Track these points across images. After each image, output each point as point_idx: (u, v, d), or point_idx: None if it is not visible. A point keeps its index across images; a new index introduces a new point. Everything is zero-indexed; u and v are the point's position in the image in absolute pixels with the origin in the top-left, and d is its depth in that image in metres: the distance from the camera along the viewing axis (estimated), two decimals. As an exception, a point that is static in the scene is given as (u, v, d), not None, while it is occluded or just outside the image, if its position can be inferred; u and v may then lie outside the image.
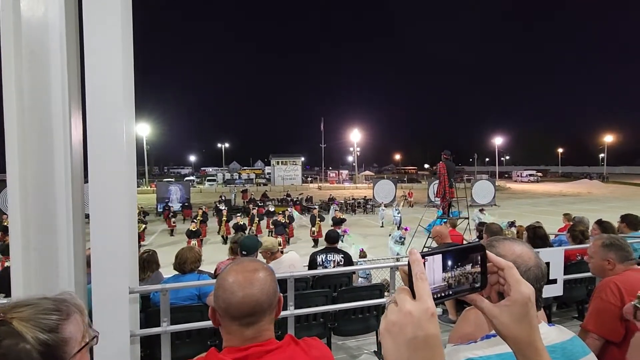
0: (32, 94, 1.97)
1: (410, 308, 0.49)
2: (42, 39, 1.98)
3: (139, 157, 23.18)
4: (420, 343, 0.48)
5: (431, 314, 0.48)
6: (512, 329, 0.59)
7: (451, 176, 9.49)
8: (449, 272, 0.56)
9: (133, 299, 2.33)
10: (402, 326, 0.48)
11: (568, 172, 76.00)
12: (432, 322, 0.48)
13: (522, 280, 0.60)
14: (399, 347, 0.48)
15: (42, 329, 0.69)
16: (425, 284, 0.50)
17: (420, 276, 0.50)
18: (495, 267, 0.62)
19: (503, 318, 0.59)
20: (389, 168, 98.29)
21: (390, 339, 0.49)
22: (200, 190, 40.26)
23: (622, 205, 22.62)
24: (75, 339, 0.74)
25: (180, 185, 26.58)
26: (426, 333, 0.48)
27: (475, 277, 0.58)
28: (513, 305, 0.59)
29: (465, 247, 0.59)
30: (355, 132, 55.35)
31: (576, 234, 3.99)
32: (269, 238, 4.27)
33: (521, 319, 0.58)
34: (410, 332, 0.48)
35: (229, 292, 0.89)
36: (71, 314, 0.75)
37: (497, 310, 0.60)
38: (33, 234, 1.96)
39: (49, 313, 0.72)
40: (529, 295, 0.59)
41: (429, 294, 0.50)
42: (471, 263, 0.58)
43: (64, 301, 0.76)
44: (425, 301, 0.49)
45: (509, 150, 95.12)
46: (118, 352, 2.13)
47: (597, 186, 44.84)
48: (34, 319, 0.69)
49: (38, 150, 1.99)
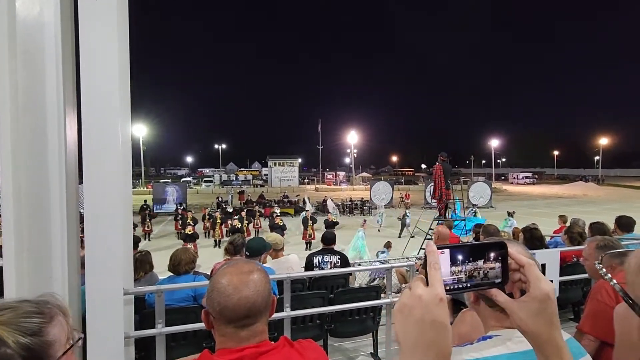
0: (26, 93, 1.95)
1: (421, 292, 0.53)
2: (37, 38, 1.97)
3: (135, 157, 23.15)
4: (427, 325, 0.52)
5: (440, 299, 0.52)
6: (530, 324, 0.60)
7: (447, 178, 9.52)
8: (463, 266, 0.59)
9: (127, 300, 2.31)
10: (412, 308, 0.53)
11: (564, 174, 76.53)
12: (440, 307, 0.52)
13: (542, 277, 0.61)
14: (407, 327, 0.53)
15: (24, 333, 0.68)
16: (438, 273, 0.54)
17: (433, 265, 0.55)
18: (516, 264, 0.63)
19: (521, 313, 0.60)
20: (386, 170, 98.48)
21: (401, 319, 0.54)
22: (197, 192, 40.11)
23: (618, 208, 22.79)
24: (59, 341, 0.72)
25: (177, 186, 26.49)
26: (434, 316, 0.52)
27: (487, 273, 0.61)
28: (531, 301, 0.60)
29: (484, 243, 0.62)
30: (353, 133, 55.47)
31: (574, 235, 4.01)
32: (274, 234, 4.23)
33: (539, 314, 0.59)
34: (419, 314, 0.52)
35: (224, 295, 0.88)
36: (54, 317, 0.74)
37: (516, 305, 0.61)
38: (26, 234, 1.94)
39: (30, 316, 0.70)
40: (548, 292, 0.60)
41: (441, 282, 0.54)
42: (484, 259, 0.61)
43: (46, 303, 0.75)
44: (436, 288, 0.53)
45: (505, 152, 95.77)
46: (112, 354, 2.11)
47: (592, 188, 45.18)
48: (14, 323, 0.68)
49: (32, 150, 1.97)
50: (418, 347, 0.52)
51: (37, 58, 1.97)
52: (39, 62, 1.97)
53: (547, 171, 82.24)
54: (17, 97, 1.92)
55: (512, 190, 45.02)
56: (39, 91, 1.98)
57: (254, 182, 50.99)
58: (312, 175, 70.24)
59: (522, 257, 0.63)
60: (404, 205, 27.33)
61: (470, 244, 0.62)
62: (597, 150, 67.92)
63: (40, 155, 1.99)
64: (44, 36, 1.98)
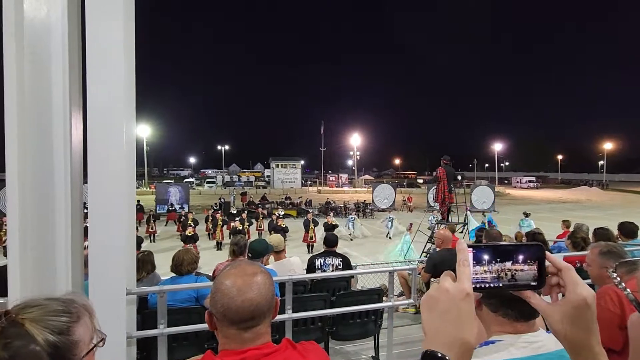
0: (33, 94, 1.97)
1: (448, 286, 0.55)
2: (44, 39, 1.99)
3: (139, 158, 23.23)
4: (451, 317, 0.54)
5: (466, 294, 0.54)
6: (565, 329, 0.59)
7: (450, 181, 9.50)
8: (489, 266, 0.60)
9: (130, 300, 2.32)
10: (438, 300, 0.55)
11: (567, 179, 76.07)
12: (465, 301, 0.54)
13: (580, 282, 0.60)
14: (432, 317, 0.55)
15: (52, 331, 0.69)
16: (466, 270, 0.56)
17: (462, 262, 0.57)
18: (554, 268, 0.62)
19: (556, 317, 0.60)
20: (389, 172, 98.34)
21: (427, 310, 0.57)
22: (199, 192, 40.22)
23: (621, 213, 22.60)
24: (84, 341, 0.73)
25: (180, 187, 26.55)
26: (459, 310, 0.54)
27: (514, 274, 0.60)
28: (566, 305, 0.59)
29: (518, 244, 0.61)
30: (355, 136, 55.46)
31: (577, 241, 3.98)
32: (276, 235, 4.23)
33: (575, 320, 0.58)
34: (443, 306, 0.54)
35: (228, 297, 0.88)
36: (81, 316, 0.75)
37: (551, 309, 0.61)
38: (31, 233, 1.95)
39: (58, 315, 0.71)
40: (585, 297, 0.59)
41: (469, 278, 0.56)
42: (512, 260, 0.60)
43: (72, 302, 0.76)
44: (463, 282, 0.55)
45: (509, 156, 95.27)
46: (114, 353, 2.12)
47: (596, 193, 44.87)
48: (44, 321, 0.69)
49: (38, 150, 1.99)
50: (441, 337, 0.54)
51: (44, 59, 1.99)
52: (46, 62, 1.99)
53: (550, 175, 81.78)
54: (23, 97, 1.94)
55: (516, 194, 44.81)
56: (46, 91, 2.00)
57: (257, 183, 51.10)
58: (314, 177, 70.24)
59: (560, 261, 0.62)
60: (407, 208, 27.29)
61: (501, 245, 0.61)
62: (601, 155, 67.57)
63: (45, 155, 2.00)
64: (50, 37, 2.00)
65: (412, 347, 3.78)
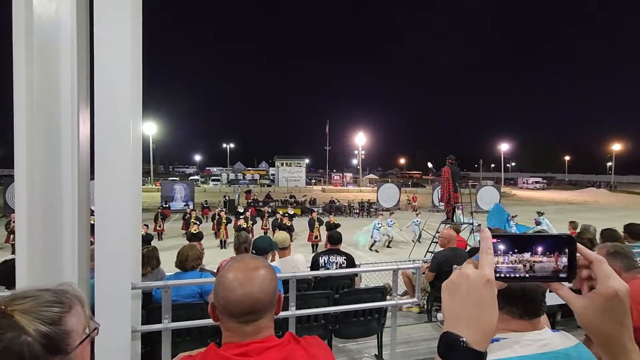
0: (41, 90, 1.99)
1: (469, 272, 0.56)
2: (53, 36, 2.01)
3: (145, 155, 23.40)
4: (471, 302, 0.55)
5: (486, 280, 0.55)
6: (595, 322, 0.57)
7: (455, 181, 9.44)
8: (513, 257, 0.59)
9: (135, 294, 2.34)
10: (459, 285, 0.57)
11: (575, 180, 75.28)
12: (486, 287, 0.55)
13: (612, 275, 0.58)
14: (453, 302, 0.57)
15: (44, 322, 0.69)
16: (489, 258, 0.57)
17: (485, 250, 0.57)
18: (586, 260, 0.61)
19: (585, 310, 0.58)
20: (394, 172, 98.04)
21: (448, 295, 0.58)
22: (204, 190, 40.40)
23: (629, 215, 22.33)
24: (76, 331, 0.73)
25: (185, 185, 26.72)
26: (479, 295, 0.55)
27: (532, 266, 0.60)
28: (597, 297, 0.57)
29: (546, 236, 0.60)
30: (361, 135, 55.32)
31: (584, 242, 3.94)
32: (282, 232, 4.24)
33: (605, 312, 0.57)
34: (464, 291, 0.56)
35: (228, 290, 0.88)
36: (73, 306, 0.75)
37: (580, 301, 0.59)
38: (38, 227, 1.98)
39: (50, 305, 0.71)
40: (617, 290, 0.57)
41: (491, 265, 0.56)
42: (531, 252, 0.60)
43: (65, 293, 0.76)
44: (484, 269, 0.56)
45: (515, 156, 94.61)
46: (119, 347, 2.14)
47: (604, 195, 44.37)
48: (35, 312, 0.69)
49: (46, 145, 2.01)
50: (461, 320, 0.55)
51: (53, 55, 2.01)
52: (54, 59, 2.02)
53: (557, 176, 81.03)
54: (32, 93, 1.96)
55: (522, 195, 44.44)
56: (54, 88, 2.02)
57: (261, 181, 51.17)
58: (319, 176, 70.23)
59: (591, 252, 0.60)
60: (411, 208, 27.19)
61: (528, 236, 0.60)
62: (609, 156, 66.73)
63: (53, 151, 2.03)
64: (59, 34, 2.02)
65: (415, 346, 3.77)
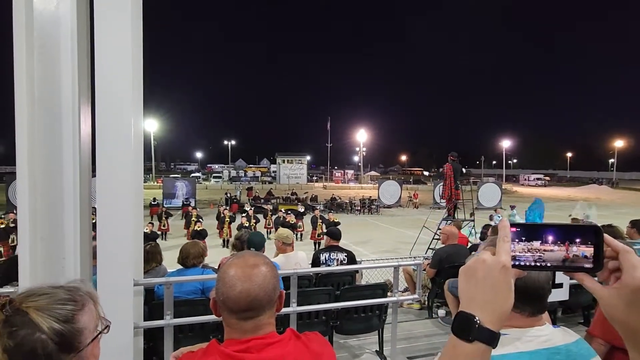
0: (42, 87, 1.99)
1: (486, 258, 0.58)
2: (53, 33, 2.00)
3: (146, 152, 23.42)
4: (487, 286, 0.57)
5: (502, 265, 0.56)
6: (620, 313, 0.56)
7: (457, 178, 9.43)
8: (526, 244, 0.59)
9: (137, 291, 2.35)
10: (475, 270, 0.58)
11: (576, 176, 75.02)
12: (502, 272, 0.56)
13: (638, 265, 0.57)
14: (469, 286, 0.59)
15: (57, 319, 0.69)
16: (506, 245, 0.58)
17: (503, 238, 0.59)
18: (613, 252, 0.60)
19: (611, 301, 0.57)
20: (395, 169, 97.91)
21: (464, 279, 0.60)
22: (206, 187, 40.46)
23: (632, 212, 22.22)
24: (88, 328, 0.74)
25: (187, 182, 26.75)
26: (494, 280, 0.57)
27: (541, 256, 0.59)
28: (623, 288, 0.56)
29: (573, 226, 0.60)
30: (362, 132, 55.23)
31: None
32: (284, 229, 4.25)
33: (631, 304, 0.55)
34: (480, 276, 0.58)
35: (228, 286, 0.89)
36: (86, 304, 0.75)
37: (606, 292, 0.58)
38: (41, 224, 1.99)
39: (64, 303, 0.72)
40: None
41: (508, 252, 0.58)
42: (541, 240, 0.59)
43: (77, 290, 0.76)
44: (501, 255, 0.57)
45: (517, 153, 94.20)
46: (121, 343, 2.15)
47: (606, 192, 44.20)
48: (49, 309, 0.70)
49: (47, 142, 2.01)
50: (475, 302, 0.57)
51: (53, 52, 2.01)
52: (55, 56, 2.01)
53: (559, 173, 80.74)
54: (33, 90, 1.96)
55: (523, 192, 44.32)
56: (55, 85, 2.02)
57: (263, 178, 51.22)
58: (320, 173, 70.21)
59: (618, 243, 0.59)
60: (412, 205, 27.16)
61: (554, 224, 0.59)
62: (611, 152, 66.41)
63: (55, 148, 2.03)
64: (60, 30, 2.02)
65: (415, 342, 3.79)
